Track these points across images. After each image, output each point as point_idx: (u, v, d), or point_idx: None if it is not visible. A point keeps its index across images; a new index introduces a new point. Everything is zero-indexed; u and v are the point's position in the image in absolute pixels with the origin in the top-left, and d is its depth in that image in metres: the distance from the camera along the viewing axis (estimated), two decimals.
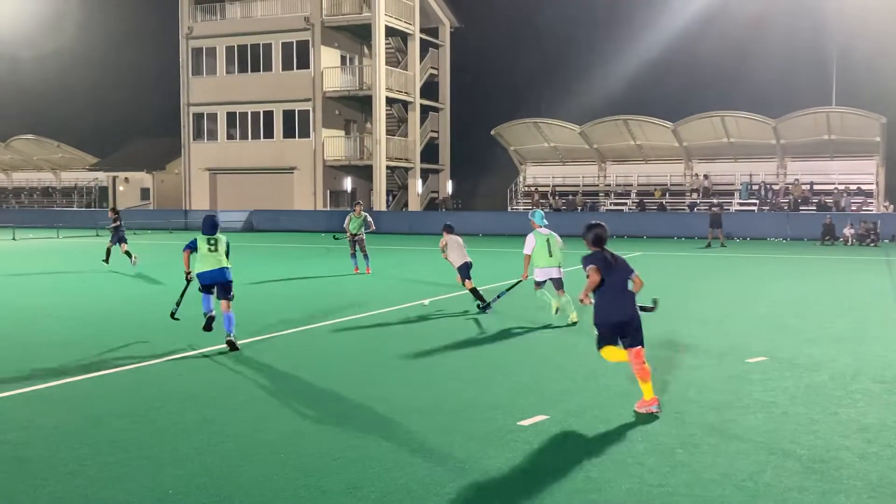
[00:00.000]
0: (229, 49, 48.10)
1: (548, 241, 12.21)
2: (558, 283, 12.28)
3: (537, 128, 45.69)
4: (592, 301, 7.36)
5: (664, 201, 42.98)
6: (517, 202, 47.26)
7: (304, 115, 46.63)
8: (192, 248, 10.37)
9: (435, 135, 51.67)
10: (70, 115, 66.66)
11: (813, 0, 49.48)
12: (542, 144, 46.71)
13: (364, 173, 47.50)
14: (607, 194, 45.56)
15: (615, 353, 7.35)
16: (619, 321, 7.25)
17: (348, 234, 20.20)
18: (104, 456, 6.20)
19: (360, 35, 47.60)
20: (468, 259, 13.86)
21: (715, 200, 38.40)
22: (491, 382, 8.55)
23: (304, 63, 46.31)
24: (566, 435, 6.72)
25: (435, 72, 51.35)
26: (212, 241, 10.30)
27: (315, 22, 45.60)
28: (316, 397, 7.98)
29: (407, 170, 49.16)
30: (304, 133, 46.69)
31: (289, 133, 47.21)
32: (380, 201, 45.81)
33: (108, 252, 21.28)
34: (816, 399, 7.79)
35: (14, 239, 32.72)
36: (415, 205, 48.67)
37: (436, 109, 51.72)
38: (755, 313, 13.53)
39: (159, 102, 59.26)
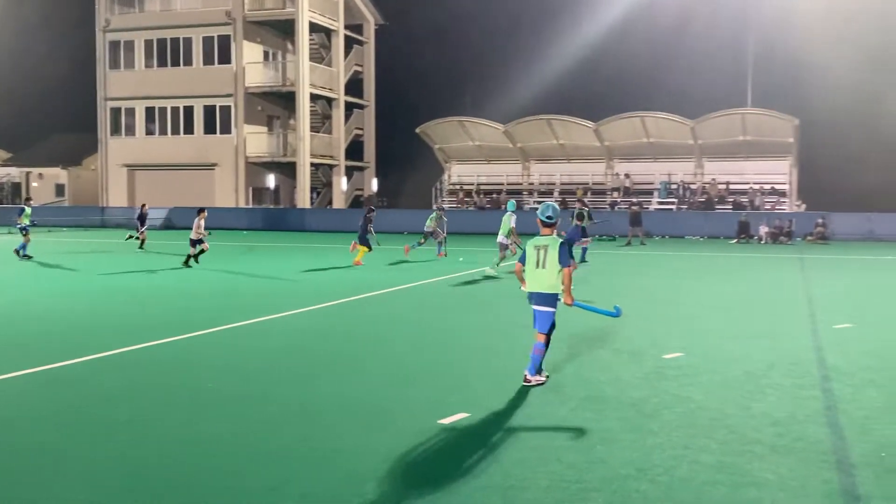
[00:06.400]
0: (148, 43, 46.98)
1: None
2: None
3: (462, 126, 45.88)
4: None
5: (586, 200, 43.54)
6: (442, 200, 47.37)
7: (226, 110, 45.86)
8: None
9: (360, 132, 51.42)
10: None
11: (733, 2, 50.91)
12: (467, 143, 46.91)
13: (288, 170, 46.96)
14: (531, 193, 46.02)
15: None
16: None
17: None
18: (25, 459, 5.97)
19: (283, 30, 47.02)
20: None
21: (634, 199, 39.16)
22: (414, 381, 8.55)
23: (225, 58, 45.53)
24: (486, 432, 6.76)
25: (360, 69, 51.09)
26: None
27: (237, 16, 44.89)
28: (239, 399, 7.85)
29: (331, 167, 48.81)
30: (226, 129, 45.92)
31: (210, 129, 46.34)
32: (304, 199, 45.37)
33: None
34: (730, 394, 8.00)
35: None
36: (339, 202, 48.38)
37: (361, 107, 51.47)
38: (673, 310, 13.85)
39: (75, 96, 57.49)
